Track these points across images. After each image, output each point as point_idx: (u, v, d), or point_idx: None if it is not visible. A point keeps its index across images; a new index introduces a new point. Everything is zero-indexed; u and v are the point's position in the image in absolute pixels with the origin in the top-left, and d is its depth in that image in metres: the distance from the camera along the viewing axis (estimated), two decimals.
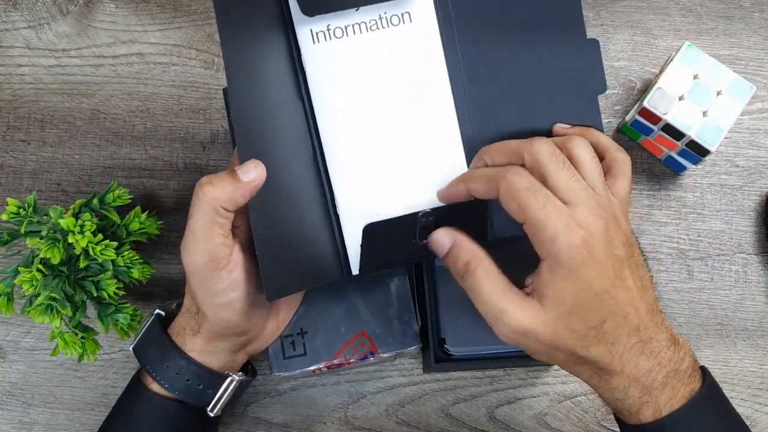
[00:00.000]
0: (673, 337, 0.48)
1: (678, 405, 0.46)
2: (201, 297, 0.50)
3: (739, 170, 0.71)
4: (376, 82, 0.50)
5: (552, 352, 0.46)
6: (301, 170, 0.51)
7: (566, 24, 0.52)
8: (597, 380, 0.47)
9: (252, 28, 0.48)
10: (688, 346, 0.48)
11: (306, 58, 0.50)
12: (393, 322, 0.57)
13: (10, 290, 0.60)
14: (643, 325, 0.46)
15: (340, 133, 0.51)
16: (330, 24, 0.49)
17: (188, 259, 0.49)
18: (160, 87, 0.72)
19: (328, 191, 0.51)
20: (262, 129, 0.49)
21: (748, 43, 0.73)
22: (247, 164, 0.48)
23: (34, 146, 0.71)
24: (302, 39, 0.49)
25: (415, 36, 0.50)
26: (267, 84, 0.49)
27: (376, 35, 0.50)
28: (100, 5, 0.73)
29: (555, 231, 0.44)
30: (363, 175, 0.51)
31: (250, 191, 0.48)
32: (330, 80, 0.50)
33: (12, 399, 0.67)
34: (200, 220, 0.48)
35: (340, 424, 0.67)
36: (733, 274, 0.69)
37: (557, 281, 0.44)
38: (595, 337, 0.45)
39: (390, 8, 0.50)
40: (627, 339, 0.45)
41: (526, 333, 0.45)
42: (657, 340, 0.46)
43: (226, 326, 0.52)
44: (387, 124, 0.51)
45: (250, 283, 0.51)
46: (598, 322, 0.45)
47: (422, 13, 0.50)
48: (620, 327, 0.45)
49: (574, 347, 0.45)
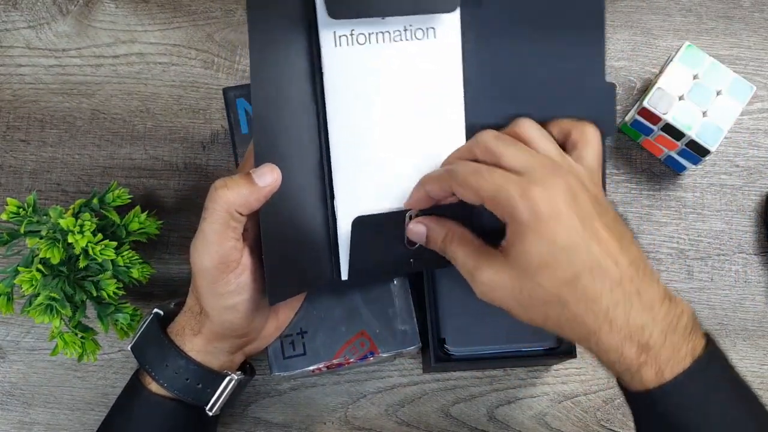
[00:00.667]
0: (668, 293, 0.46)
1: (681, 367, 0.44)
2: (207, 298, 0.50)
3: (739, 170, 0.71)
4: (390, 92, 0.50)
5: (528, 310, 0.45)
6: (307, 173, 0.51)
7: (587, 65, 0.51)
8: (588, 342, 0.45)
9: (279, 27, 0.48)
10: (686, 305, 0.46)
11: (325, 61, 0.49)
12: (393, 322, 0.57)
13: (10, 290, 0.60)
14: (627, 278, 0.44)
15: (349, 140, 0.51)
16: (354, 29, 0.49)
17: (198, 260, 0.49)
18: (160, 87, 0.72)
19: (329, 196, 0.51)
20: (278, 130, 0.49)
21: (748, 43, 0.73)
22: (263, 168, 0.47)
23: (34, 146, 0.71)
24: (324, 41, 0.49)
25: (436, 51, 0.50)
26: (285, 84, 0.49)
27: (399, 46, 0.49)
28: (100, 5, 0.73)
29: (507, 194, 0.44)
30: (365, 183, 0.51)
31: (265, 196, 0.47)
32: (346, 85, 0.50)
33: (12, 399, 0.67)
34: (214, 223, 0.48)
35: (340, 424, 0.67)
36: (733, 274, 0.69)
37: (520, 239, 0.44)
38: (571, 295, 0.44)
39: (416, 21, 0.49)
40: (610, 294, 0.44)
41: (495, 287, 0.46)
42: (647, 295, 0.44)
43: (229, 328, 0.52)
44: (396, 135, 0.51)
45: (256, 286, 0.51)
46: (571, 277, 0.44)
47: (447, 29, 0.50)
48: (599, 282, 0.44)
49: (547, 305, 0.45)
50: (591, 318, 0.44)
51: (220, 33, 0.73)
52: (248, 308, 0.51)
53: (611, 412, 0.67)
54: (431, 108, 0.51)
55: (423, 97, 0.51)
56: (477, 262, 0.47)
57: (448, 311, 0.60)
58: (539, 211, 0.43)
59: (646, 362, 0.44)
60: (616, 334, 0.44)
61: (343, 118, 0.50)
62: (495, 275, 0.46)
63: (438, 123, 0.51)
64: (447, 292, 0.60)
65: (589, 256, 0.44)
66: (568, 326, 0.45)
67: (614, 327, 0.44)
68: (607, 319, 0.44)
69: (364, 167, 0.51)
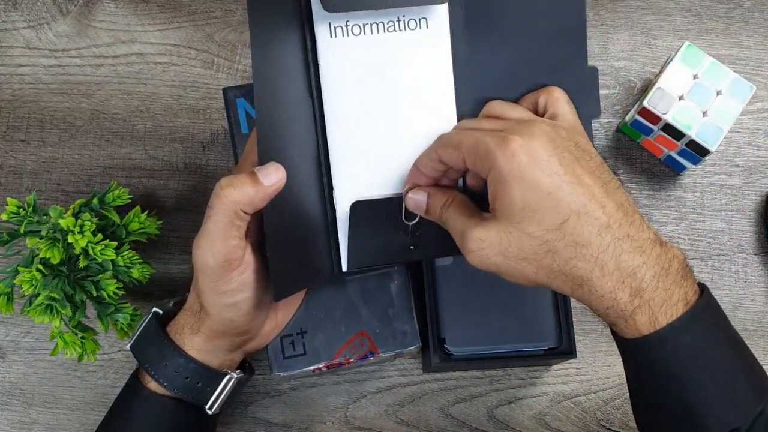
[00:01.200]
0: (659, 238, 0.45)
1: (675, 312, 0.44)
2: (208, 296, 0.50)
3: (739, 170, 0.71)
4: (385, 82, 0.51)
5: (518, 264, 0.45)
6: (307, 166, 0.51)
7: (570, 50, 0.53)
8: (581, 291, 0.44)
9: (277, 21, 0.49)
10: (678, 251, 0.45)
11: (321, 52, 0.50)
12: (393, 322, 0.57)
13: (10, 290, 0.60)
14: (615, 222, 0.44)
15: (345, 130, 0.51)
16: (349, 20, 0.50)
17: (201, 258, 0.49)
18: (160, 87, 0.72)
19: (327, 189, 0.52)
20: (279, 126, 0.49)
21: (748, 43, 0.73)
22: (268, 167, 0.48)
23: (34, 146, 0.71)
24: (320, 32, 0.50)
25: (428, 41, 0.51)
26: (285, 78, 0.49)
27: (392, 36, 0.50)
28: (100, 5, 0.73)
29: (486, 147, 0.45)
30: (363, 172, 0.52)
31: (270, 195, 0.48)
32: (342, 76, 0.50)
33: (12, 399, 0.67)
34: (219, 222, 0.48)
35: (340, 424, 0.67)
36: (733, 274, 0.69)
37: (502, 190, 0.44)
38: (560, 241, 0.43)
39: (409, 12, 0.50)
40: (599, 239, 0.43)
41: (483, 245, 0.45)
42: (637, 238, 0.44)
43: (229, 326, 0.52)
44: (391, 124, 0.52)
45: (258, 284, 0.51)
46: (559, 222, 0.43)
47: (439, 20, 0.51)
48: (587, 225, 0.43)
49: (537, 255, 0.44)
50: (581, 263, 0.43)
51: (220, 33, 0.73)
52: (249, 306, 0.51)
53: (611, 412, 0.67)
54: (424, 96, 0.52)
55: (416, 86, 0.51)
56: (467, 223, 0.47)
57: (448, 311, 0.60)
58: (519, 159, 0.43)
59: (639, 307, 0.43)
60: (608, 279, 0.43)
61: (339, 108, 0.51)
62: (483, 233, 0.45)
63: (431, 111, 0.52)
64: (447, 292, 0.60)
65: (575, 200, 0.43)
66: (560, 276, 0.44)
67: (606, 271, 0.43)
68: (598, 264, 0.43)
69: (362, 156, 0.52)
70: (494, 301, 0.60)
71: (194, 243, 0.49)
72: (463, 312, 0.59)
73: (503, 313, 0.60)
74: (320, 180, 0.52)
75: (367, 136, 0.51)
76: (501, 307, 0.60)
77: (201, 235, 0.49)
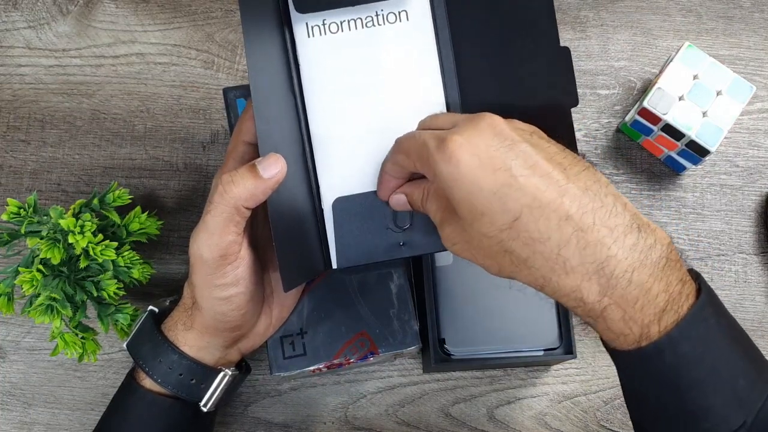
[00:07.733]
0: (637, 221, 0.41)
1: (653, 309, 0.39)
2: (201, 289, 0.50)
3: (739, 170, 0.71)
4: (368, 77, 0.51)
5: (485, 261, 0.43)
6: (296, 164, 0.51)
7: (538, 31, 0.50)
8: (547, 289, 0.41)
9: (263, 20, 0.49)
10: (661, 235, 0.41)
11: (300, 52, 0.50)
12: (393, 322, 0.57)
13: (10, 290, 0.60)
14: (578, 211, 0.40)
15: (329, 128, 0.51)
16: (326, 19, 0.50)
17: (198, 252, 0.49)
18: (160, 87, 0.72)
19: (314, 184, 0.52)
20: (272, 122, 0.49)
21: (748, 43, 0.73)
22: (268, 159, 0.47)
23: (34, 146, 0.71)
24: (298, 33, 0.50)
25: (410, 33, 0.51)
26: (274, 77, 0.49)
27: (372, 31, 0.50)
28: (100, 5, 0.73)
29: (427, 150, 0.43)
30: (348, 169, 0.52)
31: (271, 188, 0.47)
32: (322, 75, 0.51)
33: (12, 399, 0.67)
34: (218, 217, 0.48)
35: (340, 424, 0.67)
36: (733, 274, 0.69)
37: (450, 194, 0.43)
38: (515, 240, 0.41)
39: (387, 6, 0.50)
40: (559, 231, 0.40)
41: (453, 242, 0.45)
42: (605, 225, 0.40)
43: (221, 320, 0.52)
44: (377, 120, 0.51)
45: (252, 279, 0.51)
46: (510, 220, 0.40)
47: (419, 12, 0.51)
48: (542, 219, 0.40)
49: (496, 255, 0.42)
50: (540, 262, 0.40)
51: (220, 33, 0.73)
52: (242, 300, 0.51)
53: (611, 412, 0.67)
54: (410, 89, 0.51)
55: (402, 79, 0.51)
56: (442, 218, 0.46)
57: (448, 311, 0.60)
58: (458, 159, 0.41)
59: (609, 306, 0.40)
60: (572, 276, 0.40)
61: (321, 106, 0.51)
62: (451, 231, 0.45)
63: (418, 103, 0.51)
64: (447, 292, 0.60)
65: (524, 194, 0.40)
66: (523, 274, 0.42)
67: (568, 267, 0.40)
68: (559, 261, 0.40)
69: (346, 153, 0.51)
70: (494, 302, 0.60)
71: (191, 236, 0.49)
72: (463, 312, 0.59)
73: (503, 313, 0.60)
74: (308, 176, 0.52)
75: (351, 133, 0.51)
76: (501, 308, 0.60)
77: (199, 229, 0.49)
